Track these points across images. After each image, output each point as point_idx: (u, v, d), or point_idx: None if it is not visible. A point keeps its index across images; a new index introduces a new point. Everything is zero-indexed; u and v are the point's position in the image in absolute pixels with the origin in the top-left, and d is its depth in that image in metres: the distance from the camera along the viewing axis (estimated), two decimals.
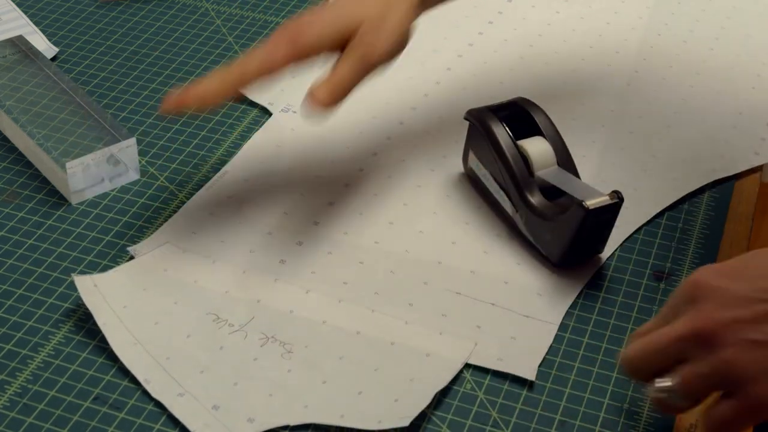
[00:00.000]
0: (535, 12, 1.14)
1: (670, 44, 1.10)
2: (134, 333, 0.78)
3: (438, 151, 0.96)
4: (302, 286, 0.83)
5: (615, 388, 0.77)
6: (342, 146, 0.96)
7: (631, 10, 1.15)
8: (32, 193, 0.92)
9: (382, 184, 0.93)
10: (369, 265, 0.85)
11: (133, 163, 0.92)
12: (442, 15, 1.14)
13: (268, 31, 1.11)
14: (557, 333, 0.80)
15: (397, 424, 0.72)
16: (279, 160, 0.95)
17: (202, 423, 0.73)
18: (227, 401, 0.74)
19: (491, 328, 0.80)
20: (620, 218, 0.89)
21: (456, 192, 0.92)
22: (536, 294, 0.83)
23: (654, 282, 0.85)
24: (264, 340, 0.79)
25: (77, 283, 0.81)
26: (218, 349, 0.78)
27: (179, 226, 0.88)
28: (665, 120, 1.00)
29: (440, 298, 0.82)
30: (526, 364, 0.78)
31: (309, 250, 0.86)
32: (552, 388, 0.77)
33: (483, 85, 1.04)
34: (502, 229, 0.88)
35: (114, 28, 1.12)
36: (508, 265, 0.85)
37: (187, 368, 0.76)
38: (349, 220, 0.89)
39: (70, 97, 0.96)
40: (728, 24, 1.13)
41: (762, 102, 1.03)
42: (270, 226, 0.88)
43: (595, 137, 0.98)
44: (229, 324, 0.80)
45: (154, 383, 0.75)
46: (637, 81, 1.05)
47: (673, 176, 0.94)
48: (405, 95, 1.02)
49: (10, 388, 0.75)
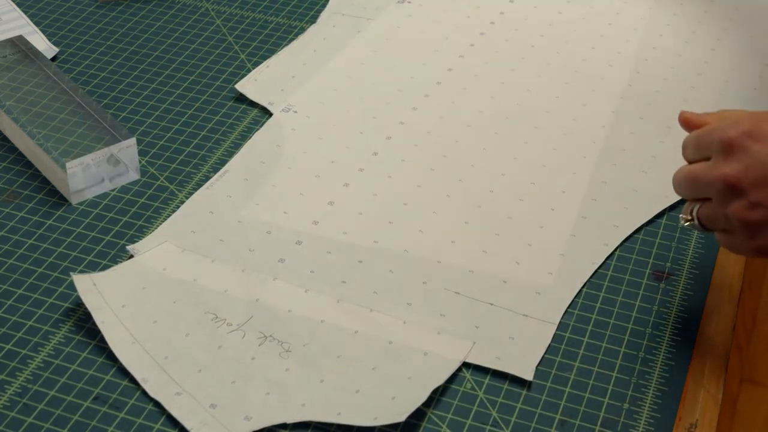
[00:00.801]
0: (537, 13, 1.14)
1: (672, 45, 1.10)
2: (133, 332, 0.78)
3: (438, 151, 0.96)
4: (301, 286, 0.83)
5: (615, 388, 0.76)
6: (342, 146, 0.96)
7: (632, 11, 1.15)
8: (32, 193, 0.92)
9: (382, 184, 0.93)
10: (368, 265, 0.85)
11: (133, 163, 0.92)
12: (445, 15, 1.14)
13: (269, 31, 1.12)
14: (557, 333, 0.80)
15: (393, 420, 0.72)
16: (279, 160, 0.95)
17: (199, 421, 0.73)
18: (225, 400, 0.74)
19: (489, 328, 0.80)
20: (620, 218, 0.89)
21: (456, 191, 0.92)
22: (535, 293, 0.83)
23: (654, 282, 0.85)
24: (262, 339, 0.79)
25: (76, 282, 0.81)
26: (216, 348, 0.78)
27: (179, 226, 0.88)
28: (666, 121, 1.00)
29: (439, 298, 0.82)
30: (524, 364, 0.77)
31: (308, 249, 0.86)
32: (552, 387, 0.77)
33: (485, 85, 1.04)
34: (501, 228, 0.88)
35: (114, 28, 1.12)
36: (507, 265, 0.85)
37: (185, 367, 0.76)
38: (349, 220, 0.89)
39: (70, 97, 0.96)
40: (730, 25, 1.13)
41: (764, 103, 1.03)
42: (269, 225, 0.88)
43: (595, 137, 0.98)
44: (227, 323, 0.80)
45: (151, 382, 0.75)
46: (638, 82, 1.05)
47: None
48: (406, 95, 1.02)
49: (10, 388, 0.75)
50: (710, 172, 0.73)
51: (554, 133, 0.98)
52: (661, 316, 0.82)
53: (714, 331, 0.81)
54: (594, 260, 0.86)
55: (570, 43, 1.10)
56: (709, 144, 0.74)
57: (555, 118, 1.00)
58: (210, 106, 1.02)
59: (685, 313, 0.82)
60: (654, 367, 0.78)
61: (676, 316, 0.82)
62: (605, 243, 0.87)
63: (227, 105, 1.02)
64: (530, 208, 0.90)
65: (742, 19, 1.15)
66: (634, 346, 0.79)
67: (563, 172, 0.94)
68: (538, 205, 0.91)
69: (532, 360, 0.78)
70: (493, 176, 0.94)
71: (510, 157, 0.96)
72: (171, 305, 0.81)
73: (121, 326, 0.79)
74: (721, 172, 0.72)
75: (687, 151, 0.77)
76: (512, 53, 1.09)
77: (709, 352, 0.80)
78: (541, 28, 1.12)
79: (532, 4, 1.15)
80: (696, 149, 0.76)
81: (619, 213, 0.90)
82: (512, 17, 1.14)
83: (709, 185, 0.73)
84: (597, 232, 0.88)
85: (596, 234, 0.88)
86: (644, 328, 0.81)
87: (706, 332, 0.81)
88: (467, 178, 0.93)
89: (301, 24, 1.13)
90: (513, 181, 0.93)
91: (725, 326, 0.82)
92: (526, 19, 1.13)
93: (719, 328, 0.81)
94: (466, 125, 0.99)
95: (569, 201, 0.91)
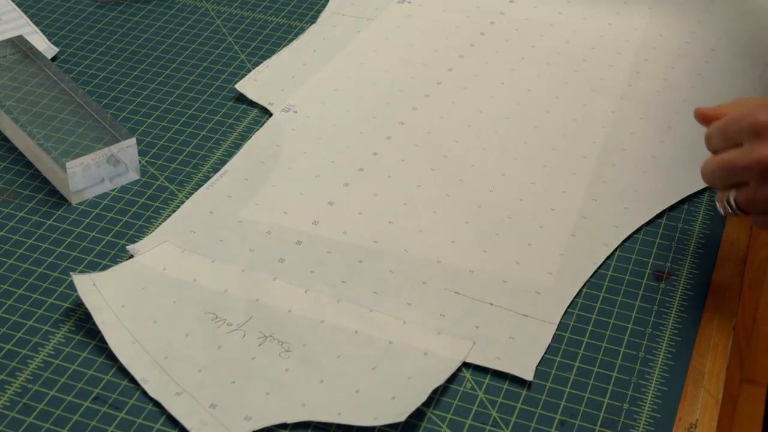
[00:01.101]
0: (537, 13, 1.14)
1: (672, 45, 1.10)
2: (133, 332, 0.78)
3: (438, 151, 0.96)
4: (301, 285, 0.83)
5: (615, 388, 0.76)
6: (342, 146, 0.96)
7: (632, 12, 1.15)
8: (32, 193, 0.92)
9: (382, 184, 0.93)
10: (368, 265, 0.85)
11: (133, 163, 0.92)
12: (444, 15, 1.14)
13: (269, 31, 1.12)
14: (557, 333, 0.80)
15: (393, 420, 0.72)
16: (279, 160, 0.95)
17: (199, 421, 0.73)
18: (225, 400, 0.74)
19: (490, 328, 0.80)
20: (620, 218, 0.89)
21: (456, 190, 0.92)
22: (535, 293, 0.83)
23: (654, 282, 0.85)
24: (262, 339, 0.79)
25: (76, 282, 0.81)
26: (216, 348, 0.78)
27: (179, 226, 0.88)
28: (667, 121, 1.00)
29: (439, 298, 0.82)
30: (524, 364, 0.77)
31: (308, 249, 0.86)
32: (552, 387, 0.77)
33: (484, 85, 1.04)
34: (501, 228, 0.88)
35: (114, 28, 1.12)
36: (507, 265, 0.85)
37: (185, 367, 0.76)
38: (349, 220, 0.89)
39: (70, 97, 0.96)
40: (729, 25, 1.13)
41: None
42: (269, 225, 0.88)
43: (596, 138, 0.98)
44: (227, 323, 0.80)
45: (151, 382, 0.75)
46: (638, 82, 1.05)
47: (674, 178, 0.94)
48: (406, 95, 1.02)
49: (10, 388, 0.75)
50: (747, 156, 0.75)
51: (554, 133, 0.98)
52: (661, 316, 0.82)
53: (714, 331, 0.81)
54: (594, 260, 0.86)
55: (570, 43, 1.10)
56: (739, 130, 0.76)
57: (555, 118, 1.00)
58: (210, 106, 1.02)
59: (685, 313, 0.82)
60: (654, 367, 0.78)
61: (676, 316, 0.82)
62: (605, 243, 0.87)
63: (227, 105, 1.02)
64: (530, 208, 0.90)
65: (742, 20, 1.15)
66: (634, 346, 0.79)
67: (563, 172, 0.94)
68: (538, 205, 0.91)
69: (533, 360, 0.78)
70: (493, 176, 0.94)
71: (510, 157, 0.96)
72: (171, 305, 0.81)
73: (121, 326, 0.79)
74: (759, 154, 0.74)
75: (714, 141, 0.79)
76: (512, 53, 1.09)
77: (709, 352, 0.80)
78: (541, 28, 1.12)
79: (532, 5, 1.15)
80: (724, 138, 0.77)
81: (619, 213, 0.90)
82: (512, 17, 1.13)
83: (747, 169, 0.75)
84: (597, 232, 0.88)
85: (596, 234, 0.88)
86: (644, 328, 0.81)
87: (706, 332, 0.81)
88: (467, 178, 0.93)
89: (301, 24, 1.13)
90: (513, 181, 0.93)
91: (725, 326, 0.82)
92: (526, 19, 1.13)
93: (719, 328, 0.81)
94: (466, 125, 0.99)
95: (569, 201, 0.91)
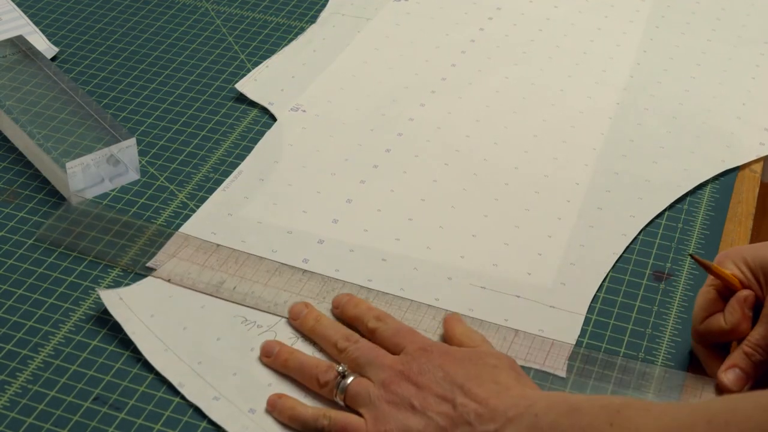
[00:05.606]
0: (533, 7, 1.15)
1: (669, 36, 1.12)
2: (164, 340, 0.78)
3: (450, 146, 0.96)
4: (327, 285, 0.83)
5: (615, 388, 0.76)
6: (354, 143, 0.96)
7: (627, 4, 1.16)
8: (32, 193, 0.92)
9: (398, 180, 0.93)
10: (392, 263, 0.85)
11: (133, 163, 0.92)
12: (442, 12, 1.15)
13: (268, 31, 1.12)
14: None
15: None
16: (293, 159, 0.95)
17: (241, 426, 0.72)
18: (263, 404, 0.74)
19: (518, 322, 0.80)
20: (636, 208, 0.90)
21: (472, 185, 0.92)
22: (560, 284, 0.83)
23: (654, 282, 0.85)
24: (294, 340, 0.78)
25: (103, 297, 0.80)
26: (249, 350, 0.77)
27: (197, 229, 0.87)
28: (671, 111, 1.01)
29: (465, 293, 0.82)
30: (556, 360, 0.77)
31: (331, 248, 0.86)
32: (552, 387, 0.76)
33: (489, 80, 1.04)
34: (520, 221, 0.88)
35: (114, 28, 1.12)
36: (530, 257, 0.86)
37: (220, 371, 0.76)
38: (368, 217, 0.89)
39: (70, 97, 0.96)
40: (723, 15, 1.14)
41: (761, 92, 1.04)
42: (290, 225, 0.88)
43: (603, 129, 0.98)
44: (257, 325, 0.79)
45: (188, 386, 0.75)
46: (639, 73, 1.06)
47: (682, 167, 0.94)
48: (412, 92, 1.03)
49: (10, 388, 0.75)
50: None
51: (562, 125, 0.99)
52: (661, 316, 0.82)
53: None
54: (615, 250, 0.86)
55: (569, 36, 1.11)
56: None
57: (562, 110, 1.01)
58: (210, 106, 1.02)
59: (685, 313, 0.82)
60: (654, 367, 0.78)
61: (676, 316, 0.82)
62: (624, 233, 0.88)
63: (227, 105, 1.02)
64: (546, 200, 0.91)
65: (736, 8, 1.16)
66: (634, 346, 0.79)
67: (575, 164, 0.95)
68: (554, 197, 0.91)
69: (562, 354, 0.78)
70: (506, 169, 0.94)
71: (521, 150, 0.96)
72: (199, 311, 0.80)
73: (151, 335, 0.78)
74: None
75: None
76: (513, 48, 1.09)
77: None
78: (539, 23, 1.13)
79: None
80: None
81: (634, 203, 0.91)
82: (509, 13, 1.14)
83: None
84: (614, 223, 0.89)
85: (614, 224, 0.89)
86: (644, 328, 0.81)
87: None
88: (481, 172, 0.94)
89: (301, 24, 1.13)
90: (527, 173, 0.94)
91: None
92: (522, 14, 1.14)
93: None
94: (475, 120, 0.99)
95: (584, 192, 0.92)
